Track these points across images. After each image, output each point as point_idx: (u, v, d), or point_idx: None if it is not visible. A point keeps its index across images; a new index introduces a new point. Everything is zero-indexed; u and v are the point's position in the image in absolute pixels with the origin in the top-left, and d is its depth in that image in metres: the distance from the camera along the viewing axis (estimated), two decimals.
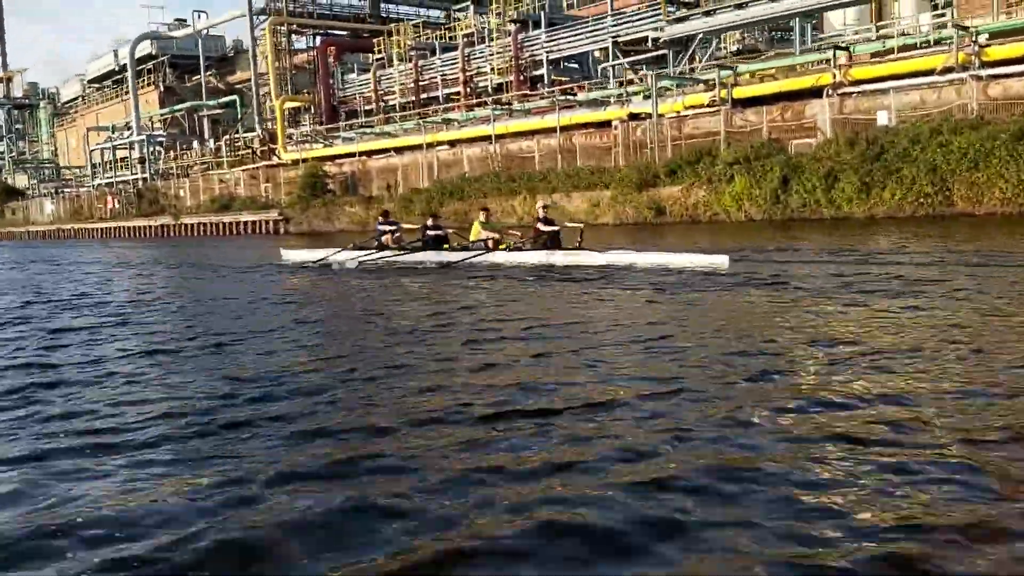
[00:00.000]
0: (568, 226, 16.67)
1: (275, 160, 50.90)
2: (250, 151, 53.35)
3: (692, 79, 31.67)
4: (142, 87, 79.88)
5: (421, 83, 47.94)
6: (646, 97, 33.50)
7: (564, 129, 34.94)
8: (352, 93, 53.15)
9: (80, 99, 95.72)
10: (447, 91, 46.80)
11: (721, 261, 12.97)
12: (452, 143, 40.34)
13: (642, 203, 28.77)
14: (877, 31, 29.73)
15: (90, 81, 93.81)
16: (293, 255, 19.90)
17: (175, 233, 51.90)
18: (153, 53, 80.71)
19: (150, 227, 54.58)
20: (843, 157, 24.15)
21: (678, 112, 30.89)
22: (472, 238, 16.98)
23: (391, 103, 50.16)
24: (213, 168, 56.85)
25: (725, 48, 39.31)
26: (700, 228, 25.79)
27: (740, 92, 29.44)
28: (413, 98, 48.03)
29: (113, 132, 71.07)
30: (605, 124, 33.75)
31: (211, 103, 64.80)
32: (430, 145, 40.79)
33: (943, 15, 28.73)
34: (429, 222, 17.86)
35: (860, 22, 33.86)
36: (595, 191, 30.76)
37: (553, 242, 15.69)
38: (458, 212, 35.13)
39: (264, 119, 54.63)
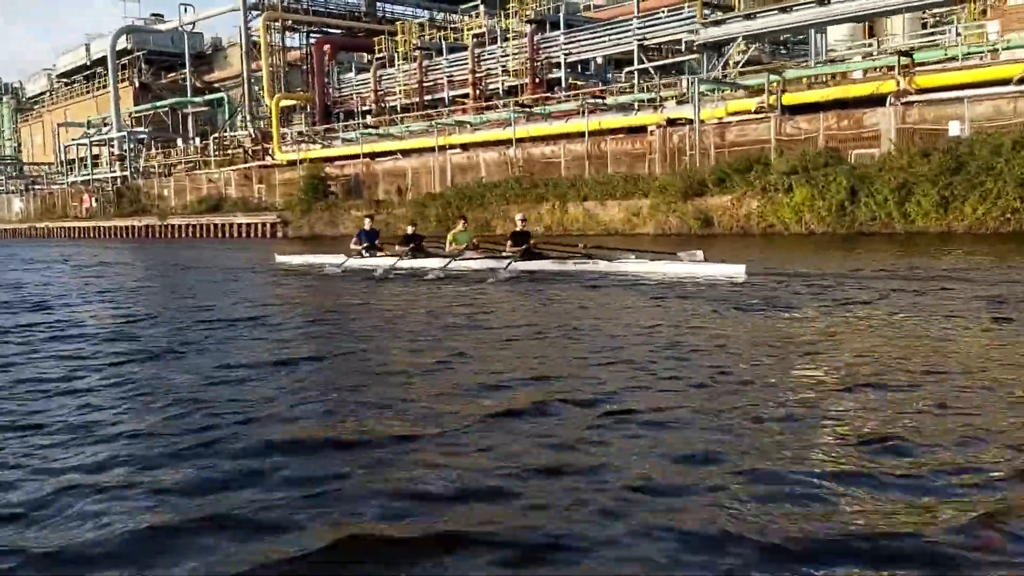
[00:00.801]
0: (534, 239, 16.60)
1: (268, 160, 48.67)
2: (241, 150, 51.03)
3: (734, 84, 30.28)
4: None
5: (425, 84, 46.13)
6: (680, 102, 32.08)
7: (593, 134, 33.30)
8: (349, 93, 51.15)
9: (48, 94, 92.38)
10: (454, 93, 45.03)
11: (739, 271, 12.92)
12: (465, 146, 38.55)
13: (688, 213, 27.21)
14: (929, 38, 28.56)
15: (59, 76, 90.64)
16: (287, 259, 20.21)
17: (161, 234, 49.38)
18: (128, 48, 78.04)
19: (133, 227, 51.95)
20: (916, 169, 22.77)
21: (720, 118, 29.43)
22: (448, 249, 16.92)
23: (391, 104, 48.29)
24: (200, 167, 54.39)
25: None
26: (753, 241, 24.29)
27: (790, 98, 28.04)
28: (417, 99, 46.20)
29: (89, 128, 68.17)
30: (637, 129, 32.21)
31: (196, 100, 62.27)
32: (441, 148, 38.95)
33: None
34: (409, 230, 18.00)
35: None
36: (632, 199, 29.16)
37: (526, 254, 15.62)
38: (479, 219, 33.36)
39: (256, 118, 52.33)
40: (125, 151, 59.49)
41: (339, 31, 54.97)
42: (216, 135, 55.44)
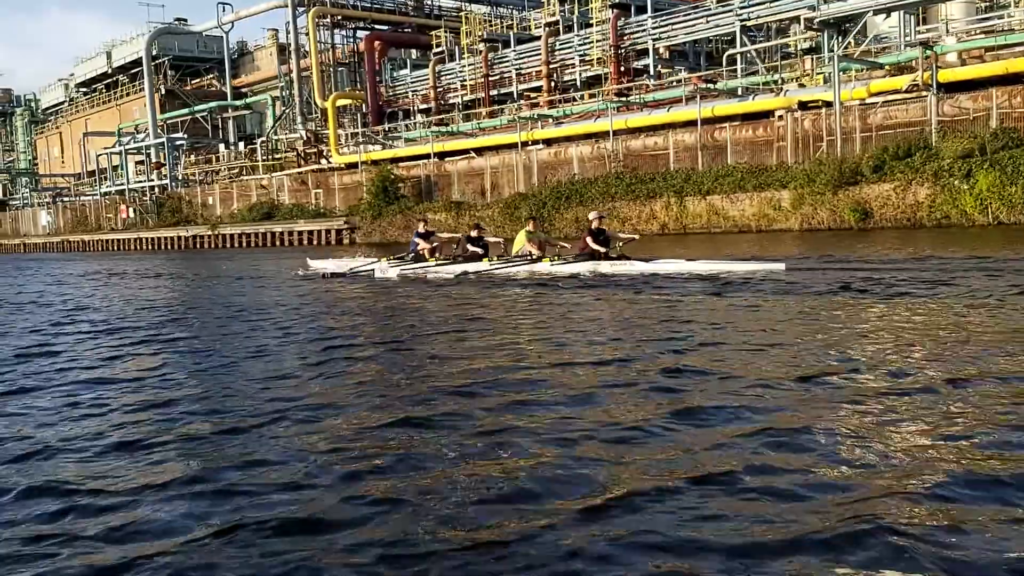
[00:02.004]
0: (622, 237, 15.83)
1: (324, 164, 45.91)
2: (293, 154, 48.23)
3: (872, 63, 27.48)
4: (139, 90, 74.84)
5: (491, 78, 43.39)
6: (800, 85, 29.30)
7: (706, 123, 30.48)
8: (403, 91, 48.43)
9: (66, 104, 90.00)
10: (523, 87, 42.31)
11: (778, 267, 12.67)
12: (549, 142, 35.75)
13: (842, 205, 24.40)
14: None
15: (78, 85, 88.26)
16: (320, 264, 19.44)
17: (211, 244, 46.64)
18: (153, 54, 75.63)
19: (179, 238, 49.21)
20: None
21: (862, 99, 26.60)
22: (515, 250, 16.25)
23: (452, 101, 45.56)
24: (246, 173, 51.65)
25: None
26: (927, 235, 21.42)
27: (948, 75, 25.21)
28: (483, 94, 43.44)
29: (120, 136, 65.47)
30: (755, 116, 29.39)
31: (236, 103, 59.56)
32: (522, 144, 36.17)
33: None
34: (473, 233, 17.01)
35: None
36: (767, 192, 26.36)
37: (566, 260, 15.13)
38: (580, 219, 30.54)
39: (307, 119, 49.58)
40: (163, 159, 56.69)
41: (387, 27, 52.23)
42: (264, 139, 52.67)
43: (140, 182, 59.94)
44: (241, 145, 56.39)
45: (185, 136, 57.45)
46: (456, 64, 45.01)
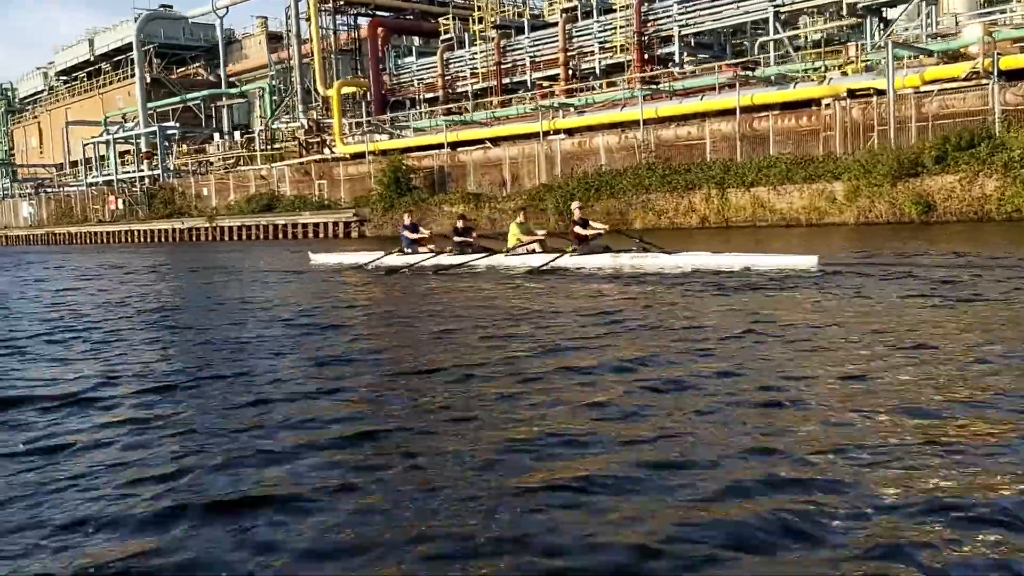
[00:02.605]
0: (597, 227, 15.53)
1: (327, 154, 44.21)
2: (296, 143, 46.44)
3: (924, 49, 26.32)
4: (123, 78, 72.75)
5: (504, 66, 41.91)
6: (843, 74, 28.11)
7: (744, 111, 29.15)
8: (408, 79, 46.81)
9: (46, 93, 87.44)
10: (538, 75, 40.87)
11: (811, 262, 12.29)
12: (571, 131, 34.33)
13: (902, 198, 23.20)
14: None
15: (58, 73, 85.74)
16: (323, 259, 19.48)
17: (209, 237, 44.80)
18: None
19: (173, 231, 47.30)
20: None
21: (916, 87, 25.42)
22: (510, 243, 16.07)
23: (461, 90, 44.04)
24: (245, 163, 49.81)
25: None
26: (996, 229, 20.30)
27: (1010, 62, 24.07)
28: (495, 83, 41.95)
29: (107, 125, 63.26)
30: (798, 104, 28.13)
31: (231, 91, 57.60)
32: (544, 134, 34.72)
33: None
34: (459, 224, 17.15)
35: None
36: (818, 183, 25.12)
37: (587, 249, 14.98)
38: (611, 211, 29.26)
39: (309, 107, 47.81)
40: (154, 149, 54.64)
41: (389, 13, 50.53)
42: (262, 128, 50.82)
43: (128, 173, 57.84)
44: (237, 134, 54.43)
45: (177, 125, 55.45)
46: (466, 52, 43.48)
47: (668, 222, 28.20)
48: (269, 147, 49.27)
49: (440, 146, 38.67)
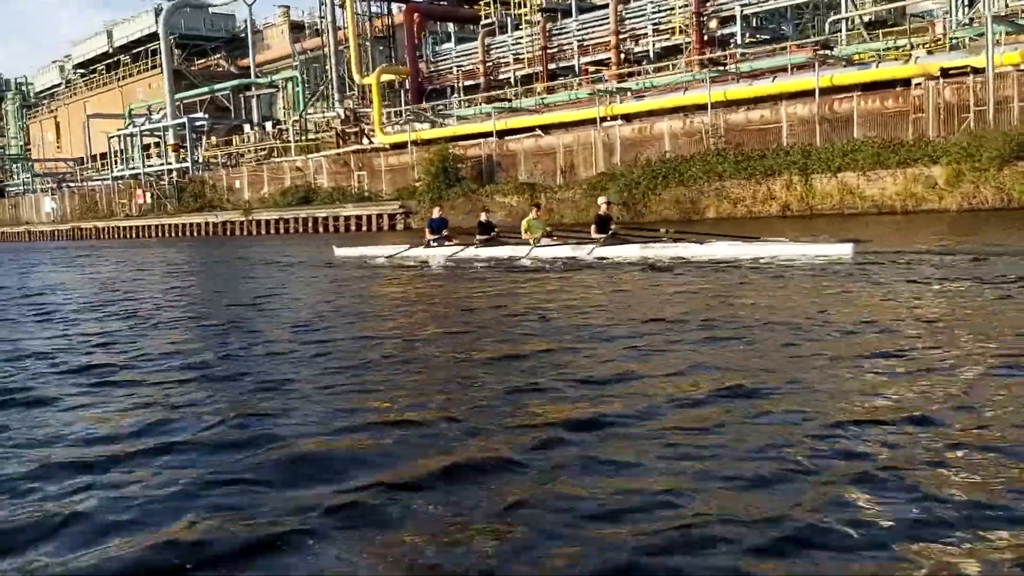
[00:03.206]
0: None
1: (367, 144, 42.79)
2: (333, 133, 45.00)
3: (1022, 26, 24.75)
4: (143, 70, 71.59)
5: (550, 51, 40.41)
6: (928, 52, 26.55)
7: (822, 93, 27.62)
8: (447, 67, 45.34)
9: (63, 86, 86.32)
10: (586, 59, 39.36)
11: (844, 251, 12.11)
12: (628, 117, 32.82)
13: (1010, 182, 21.67)
14: None
15: (75, 67, 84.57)
16: (347, 252, 19.29)
17: (244, 231, 43.45)
18: (158, 32, 72.12)
19: (207, 224, 45.96)
20: None
21: (1016, 65, 23.85)
22: (523, 237, 16.02)
23: (503, 77, 42.57)
24: (279, 155, 48.43)
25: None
26: None
27: None
28: (540, 68, 40.46)
29: (130, 118, 62.02)
30: (881, 85, 26.59)
31: (261, 81, 56.17)
32: (601, 120, 33.24)
33: None
34: (483, 218, 17.40)
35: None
36: (914, 168, 23.59)
37: (610, 240, 14.96)
38: (681, 199, 27.81)
39: (345, 96, 46.38)
40: (183, 141, 53.29)
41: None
42: (296, 118, 49.40)
43: (152, 166, 56.57)
44: (268, 125, 53.01)
45: (206, 116, 54.07)
46: (509, 36, 42.00)
47: (745, 211, 26.71)
48: (303, 138, 47.85)
49: (487, 135, 37.21)
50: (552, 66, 40.44)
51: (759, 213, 26.33)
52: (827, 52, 28.10)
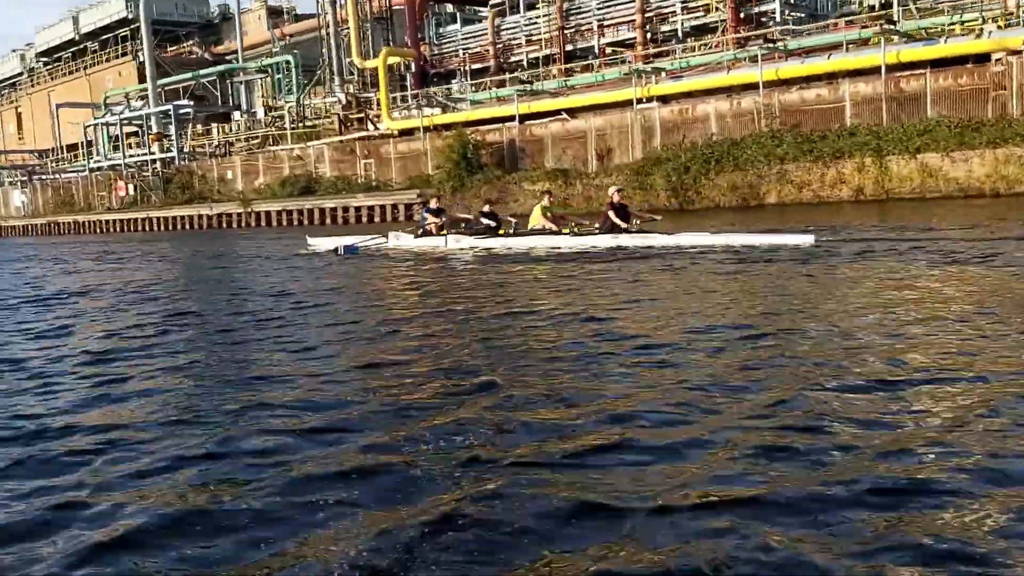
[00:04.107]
0: (644, 216, 15.88)
1: (373, 130, 40.52)
2: (333, 120, 42.58)
3: None
4: (112, 57, 68.70)
5: (567, 31, 38.48)
6: (999, 27, 25.07)
7: (869, 72, 26.12)
8: (452, 49, 43.21)
9: (24, 76, 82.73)
10: (606, 40, 37.49)
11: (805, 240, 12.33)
12: (665, 99, 31.02)
13: None
14: None
15: (38, 55, 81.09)
16: (322, 242, 18.68)
17: (243, 223, 40.96)
18: (128, 17, 69.06)
19: (200, 217, 43.35)
20: None
21: None
22: (531, 225, 15.80)
23: (515, 59, 40.59)
24: (273, 143, 45.91)
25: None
26: None
27: None
28: (557, 50, 38.52)
29: (105, 106, 58.93)
30: (950, 61, 25.05)
31: (249, 66, 53.46)
32: (626, 103, 31.39)
33: None
34: (485, 208, 17.01)
35: None
36: (1004, 148, 22.07)
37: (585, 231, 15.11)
38: (738, 185, 26.11)
39: (346, 81, 43.99)
40: (164, 130, 50.45)
41: None
42: (292, 104, 46.87)
43: (133, 156, 53.61)
44: (260, 113, 50.40)
45: (191, 104, 51.26)
46: (521, 16, 40.00)
47: (812, 195, 25.05)
48: (301, 125, 45.38)
49: (507, 119, 35.18)
50: (569, 47, 38.52)
51: (828, 198, 24.69)
52: (891, 27, 26.47)
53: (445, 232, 16.70)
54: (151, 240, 35.45)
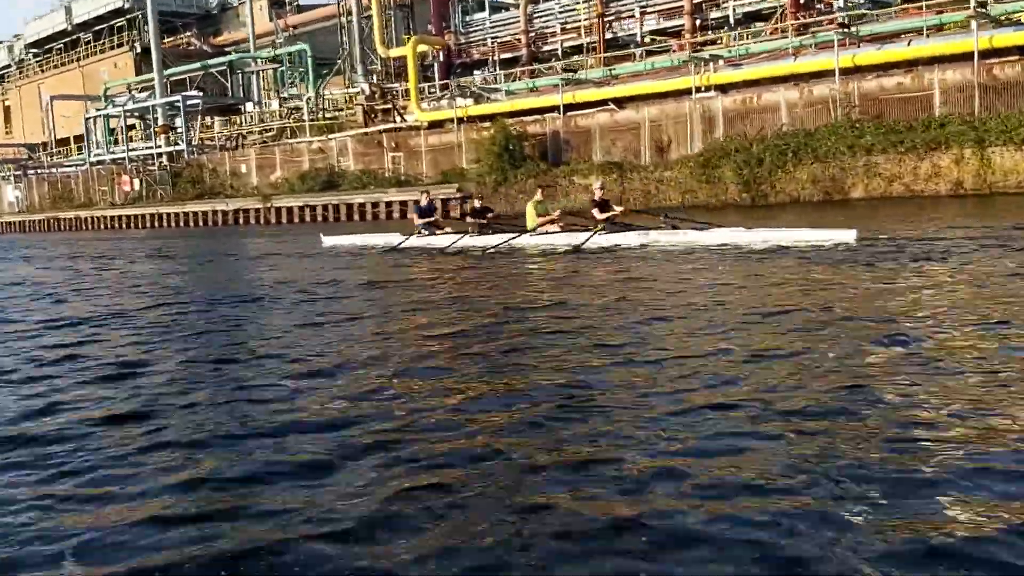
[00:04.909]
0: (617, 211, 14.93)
1: (400, 122, 38.54)
2: (359, 111, 40.53)
3: None
4: (108, 48, 66.59)
5: (606, 18, 36.70)
6: None
7: (956, 59, 24.51)
8: (480, 38, 41.33)
9: (14, 68, 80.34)
10: (650, 27, 35.74)
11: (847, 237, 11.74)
12: (725, 88, 29.28)
13: None
14: None
15: (28, 46, 78.69)
16: (334, 240, 18.87)
17: (262, 219, 38.85)
18: (124, 7, 66.87)
19: (215, 213, 41.18)
20: None
21: None
22: (529, 224, 15.46)
23: (548, 48, 38.79)
24: (290, 135, 43.81)
25: None
26: None
27: None
28: (595, 38, 36.73)
29: (105, 98, 56.61)
30: None
31: (262, 55, 51.27)
32: (681, 93, 29.67)
33: None
34: (477, 204, 16.92)
35: None
36: None
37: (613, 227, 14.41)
38: (818, 177, 24.43)
39: (369, 70, 41.98)
40: (181, 122, 48.22)
41: None
42: (312, 94, 44.78)
43: (136, 149, 51.32)
44: (275, 104, 48.26)
45: (200, 94, 49.03)
46: (556, 3, 38.17)
47: (903, 189, 23.37)
48: (321, 116, 43.33)
49: (548, 110, 33.37)
50: (608, 35, 36.74)
51: (922, 192, 23.01)
52: (983, 10, 24.81)
53: (443, 230, 16.52)
54: (163, 237, 33.37)
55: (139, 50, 64.28)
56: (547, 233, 14.98)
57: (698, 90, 29.36)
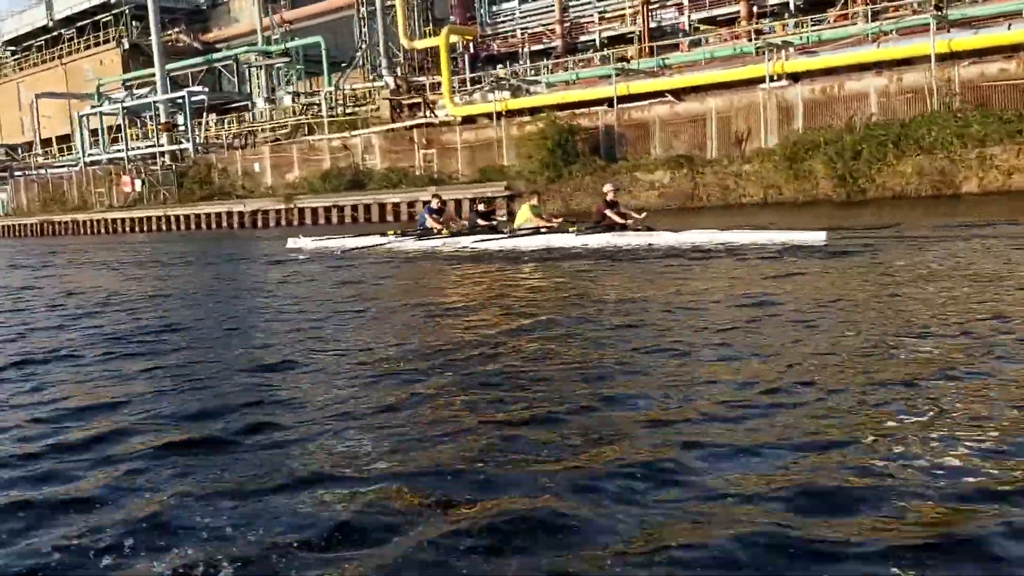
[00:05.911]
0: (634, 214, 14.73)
1: (431, 117, 36.25)
2: (386, 106, 38.11)
3: None
4: (92, 44, 63.77)
5: (650, 6, 34.68)
6: None
7: None
8: (509, 29, 39.17)
9: None
10: (698, 15, 33.78)
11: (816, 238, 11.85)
12: (797, 76, 27.35)
13: None
14: None
15: (5, 43, 75.49)
16: (309, 244, 18.17)
17: (284, 222, 36.35)
18: (110, 2, 63.99)
19: (229, 215, 38.56)
20: None
21: None
22: (519, 223, 15.54)
23: (586, 39, 36.75)
24: (308, 132, 41.33)
25: None
26: None
27: None
28: (639, 27, 34.69)
29: (98, 96, 53.76)
30: None
31: (270, 49, 48.67)
32: (750, 82, 27.74)
33: None
34: (480, 207, 16.51)
35: None
36: None
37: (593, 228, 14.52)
38: (924, 170, 22.56)
39: (395, 63, 39.62)
40: (186, 120, 45.53)
41: None
42: (332, 89, 42.31)
43: (136, 148, 48.58)
44: (288, 100, 45.73)
45: (205, 90, 46.39)
46: None
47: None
48: (340, 112, 40.91)
49: (597, 102, 31.29)
50: (652, 24, 34.73)
51: None
52: None
53: (447, 232, 16.13)
54: (181, 240, 30.85)
55: (127, 46, 61.56)
56: (525, 234, 14.81)
57: (770, 79, 27.40)
